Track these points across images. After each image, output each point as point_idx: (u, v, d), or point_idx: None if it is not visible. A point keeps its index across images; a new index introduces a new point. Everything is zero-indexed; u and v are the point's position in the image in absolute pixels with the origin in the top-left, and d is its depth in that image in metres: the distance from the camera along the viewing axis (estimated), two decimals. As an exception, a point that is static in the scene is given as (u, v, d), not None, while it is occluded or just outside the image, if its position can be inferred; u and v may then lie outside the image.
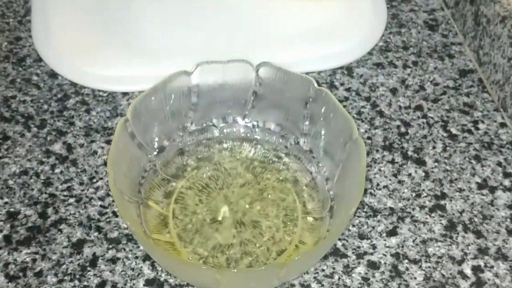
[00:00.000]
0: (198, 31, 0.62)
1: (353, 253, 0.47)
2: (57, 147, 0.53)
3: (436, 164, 0.53)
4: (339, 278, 0.45)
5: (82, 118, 0.55)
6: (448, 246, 0.47)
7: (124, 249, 0.46)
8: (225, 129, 0.53)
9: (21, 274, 0.45)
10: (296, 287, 0.45)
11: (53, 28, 0.61)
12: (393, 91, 0.58)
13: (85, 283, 0.45)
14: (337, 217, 0.46)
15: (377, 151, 0.53)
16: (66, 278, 0.45)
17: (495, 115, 0.57)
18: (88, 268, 0.45)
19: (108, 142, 0.53)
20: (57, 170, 0.51)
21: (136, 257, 0.46)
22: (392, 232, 0.48)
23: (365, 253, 0.47)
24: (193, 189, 0.49)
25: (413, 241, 0.48)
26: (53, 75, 0.58)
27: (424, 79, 0.60)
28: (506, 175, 0.52)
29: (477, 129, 0.55)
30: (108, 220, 0.48)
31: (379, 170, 0.52)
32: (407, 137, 0.55)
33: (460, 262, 0.47)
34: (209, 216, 0.48)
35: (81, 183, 0.50)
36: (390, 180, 0.52)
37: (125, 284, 0.45)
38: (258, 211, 0.48)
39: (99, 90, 0.57)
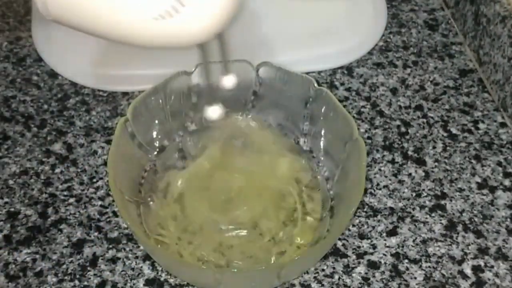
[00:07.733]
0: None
1: (353, 253, 0.47)
2: (57, 147, 0.53)
3: (436, 164, 0.53)
4: (339, 278, 0.45)
5: (82, 118, 0.55)
6: (448, 246, 0.47)
7: (124, 249, 0.46)
8: (225, 129, 0.53)
9: (21, 274, 0.45)
10: (296, 287, 0.45)
11: (53, 28, 0.61)
12: (393, 91, 0.58)
13: (85, 283, 0.45)
14: (337, 217, 0.45)
15: (377, 151, 0.53)
16: (66, 278, 0.45)
17: (495, 115, 0.57)
18: (88, 268, 0.45)
19: (108, 142, 0.53)
20: (57, 170, 0.51)
21: (136, 257, 0.46)
22: (392, 232, 0.48)
23: (365, 253, 0.47)
24: (193, 189, 0.49)
25: (413, 241, 0.48)
26: (53, 75, 0.58)
27: (424, 79, 0.59)
28: (506, 175, 0.52)
29: (477, 129, 0.55)
30: (108, 220, 0.48)
31: (379, 170, 0.52)
32: (407, 137, 0.55)
33: (460, 262, 0.47)
34: (209, 216, 0.48)
35: (81, 183, 0.50)
36: (390, 180, 0.51)
37: (125, 284, 0.45)
38: (258, 211, 0.48)
39: (99, 90, 0.57)
